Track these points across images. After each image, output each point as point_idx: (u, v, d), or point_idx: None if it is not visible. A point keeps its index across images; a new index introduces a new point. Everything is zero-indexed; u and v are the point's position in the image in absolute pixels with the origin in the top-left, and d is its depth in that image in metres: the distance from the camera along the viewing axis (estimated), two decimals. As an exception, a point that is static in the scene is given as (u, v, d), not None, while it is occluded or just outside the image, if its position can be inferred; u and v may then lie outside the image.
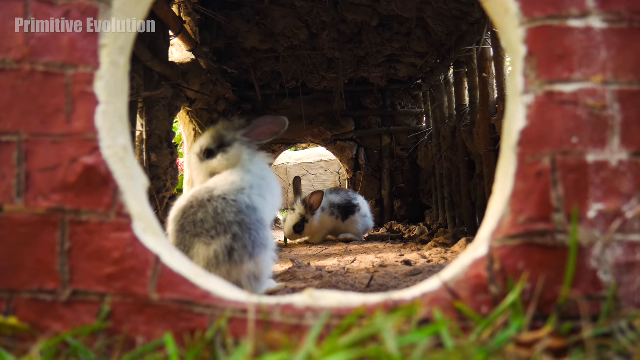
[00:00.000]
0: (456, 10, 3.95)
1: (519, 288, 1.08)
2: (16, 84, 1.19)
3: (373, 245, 4.25)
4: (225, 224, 1.83)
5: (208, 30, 4.80)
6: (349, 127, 6.79)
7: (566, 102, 1.14)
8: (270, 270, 2.03)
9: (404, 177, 6.78)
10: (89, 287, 1.16)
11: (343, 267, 2.84)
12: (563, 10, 1.16)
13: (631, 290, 1.09)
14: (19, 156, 1.18)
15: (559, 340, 0.98)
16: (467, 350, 0.92)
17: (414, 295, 1.13)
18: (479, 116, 3.85)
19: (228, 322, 1.12)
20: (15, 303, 1.16)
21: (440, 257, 3.10)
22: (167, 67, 3.60)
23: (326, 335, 1.07)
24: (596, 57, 1.14)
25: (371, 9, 4.66)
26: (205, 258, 1.81)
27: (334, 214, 4.77)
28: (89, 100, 1.19)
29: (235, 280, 1.83)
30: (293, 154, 11.64)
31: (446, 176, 5.30)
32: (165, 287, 1.15)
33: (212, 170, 2.11)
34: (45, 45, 1.20)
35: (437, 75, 5.41)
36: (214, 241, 1.82)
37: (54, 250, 1.16)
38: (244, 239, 1.84)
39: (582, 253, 1.10)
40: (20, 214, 1.17)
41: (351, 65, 5.82)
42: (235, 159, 2.08)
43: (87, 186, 1.18)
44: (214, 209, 1.85)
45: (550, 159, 1.13)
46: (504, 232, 1.14)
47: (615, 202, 1.11)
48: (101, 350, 1.11)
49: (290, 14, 4.80)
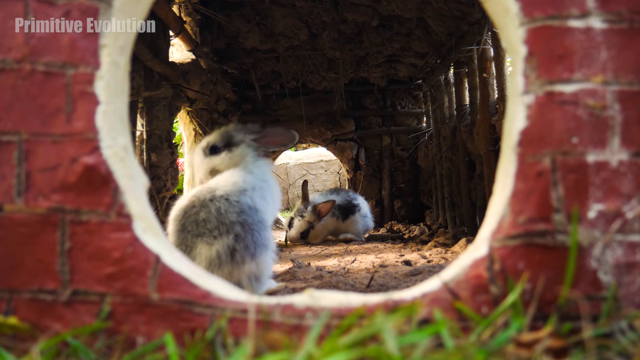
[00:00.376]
0: (456, 10, 3.95)
1: (519, 288, 1.08)
2: (16, 83, 1.19)
3: (373, 246, 4.25)
4: (227, 224, 1.84)
5: (208, 30, 4.80)
6: (349, 127, 6.79)
7: (566, 102, 1.14)
8: (271, 271, 2.03)
9: (404, 177, 6.78)
10: (89, 287, 1.16)
11: (343, 267, 2.84)
12: (563, 11, 1.16)
13: (631, 291, 1.09)
14: (19, 156, 1.18)
15: (559, 340, 0.98)
16: (467, 351, 0.92)
17: (414, 296, 1.13)
18: (479, 116, 3.85)
19: (228, 322, 1.12)
20: (16, 303, 1.16)
21: (440, 257, 3.10)
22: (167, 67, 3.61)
23: (326, 335, 1.07)
24: (596, 58, 1.14)
25: (371, 9, 4.66)
26: (208, 258, 1.81)
27: (334, 214, 4.77)
28: (89, 100, 1.19)
29: (237, 281, 1.83)
30: (293, 154, 11.63)
31: (446, 176, 5.30)
32: (166, 287, 1.15)
33: (213, 167, 2.12)
34: (45, 45, 1.20)
35: (437, 76, 5.41)
36: (217, 241, 1.82)
37: (54, 250, 1.16)
38: (245, 240, 1.84)
39: (582, 253, 1.10)
40: (21, 213, 1.17)
41: (351, 65, 5.82)
42: (238, 159, 2.09)
43: (87, 186, 1.18)
44: (217, 209, 1.86)
45: (550, 159, 1.13)
46: (504, 232, 1.14)
47: (615, 202, 1.11)
48: (101, 350, 1.11)
49: (290, 14, 4.80)
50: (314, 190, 10.32)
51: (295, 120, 6.75)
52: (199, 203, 1.89)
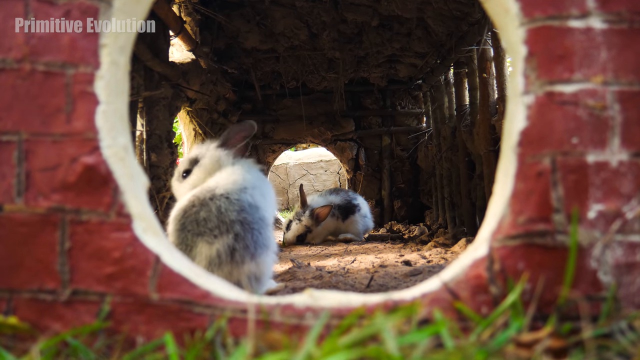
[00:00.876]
0: (456, 10, 3.95)
1: (519, 288, 1.08)
2: (16, 83, 1.19)
3: (373, 246, 4.25)
4: (227, 223, 1.83)
5: (208, 30, 4.80)
6: (349, 127, 6.79)
7: (566, 103, 1.14)
8: (271, 271, 2.03)
9: (404, 178, 6.78)
10: (89, 287, 1.16)
11: (343, 267, 2.84)
12: (563, 11, 1.16)
13: (631, 291, 1.09)
14: (19, 156, 1.18)
15: (559, 340, 0.98)
16: (467, 351, 0.92)
17: (414, 296, 1.13)
18: (479, 116, 3.85)
19: (228, 322, 1.12)
20: (15, 302, 1.16)
21: (440, 257, 3.10)
22: (167, 67, 3.61)
23: (326, 335, 1.07)
24: (596, 58, 1.14)
25: (371, 9, 4.67)
26: (208, 257, 1.81)
27: (334, 214, 4.78)
28: (89, 99, 1.19)
29: (237, 280, 1.82)
30: (293, 154, 11.64)
31: (446, 176, 5.30)
32: (165, 287, 1.15)
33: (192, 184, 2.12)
34: (45, 45, 1.20)
35: (437, 76, 5.41)
36: (217, 240, 1.82)
37: (54, 249, 1.16)
38: (245, 239, 1.84)
39: (582, 253, 1.10)
40: (21, 213, 1.17)
41: (351, 66, 5.82)
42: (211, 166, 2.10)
43: (87, 186, 1.18)
44: (217, 208, 1.85)
45: (550, 159, 1.13)
46: (504, 233, 1.14)
47: (615, 202, 1.11)
48: (101, 350, 1.11)
49: (290, 14, 4.81)
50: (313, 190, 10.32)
51: (295, 120, 6.76)
52: (198, 202, 1.89)
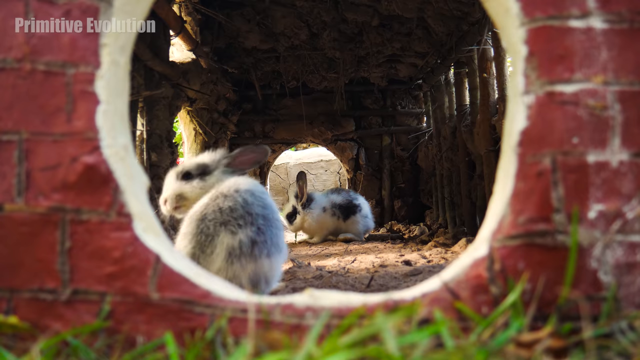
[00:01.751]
0: (457, 10, 3.95)
1: (519, 288, 1.08)
2: (17, 83, 1.19)
3: (373, 245, 4.25)
4: (253, 215, 1.86)
5: (209, 30, 4.80)
6: (349, 127, 6.79)
7: (567, 103, 1.14)
8: (280, 274, 2.03)
9: (404, 177, 6.78)
10: (89, 287, 1.16)
11: (343, 267, 2.84)
12: (564, 11, 1.16)
13: (631, 291, 1.09)
14: (19, 155, 1.18)
15: (559, 340, 0.98)
16: (467, 351, 0.92)
17: (414, 295, 1.13)
18: (480, 116, 3.85)
19: (228, 321, 1.12)
20: (16, 302, 1.16)
21: (440, 257, 3.10)
22: (167, 67, 3.61)
23: (326, 335, 1.07)
24: (597, 58, 1.14)
25: (372, 9, 4.66)
26: (229, 247, 1.80)
27: (335, 214, 4.78)
28: (89, 99, 1.19)
29: (249, 275, 1.81)
30: (293, 153, 11.63)
31: (446, 176, 5.30)
32: (166, 287, 1.15)
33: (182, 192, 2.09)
34: (45, 45, 1.20)
35: (437, 76, 5.41)
36: (241, 230, 1.82)
37: (54, 249, 1.16)
38: (266, 234, 1.86)
39: (583, 253, 1.10)
40: (21, 213, 1.17)
41: (351, 65, 5.82)
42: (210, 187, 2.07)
43: (87, 185, 1.18)
44: (244, 199, 1.88)
45: (550, 159, 1.13)
46: (504, 233, 1.14)
47: (615, 202, 1.11)
48: (101, 350, 1.11)
49: (290, 13, 4.80)
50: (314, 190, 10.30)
51: (295, 120, 6.76)
52: (222, 195, 1.89)
